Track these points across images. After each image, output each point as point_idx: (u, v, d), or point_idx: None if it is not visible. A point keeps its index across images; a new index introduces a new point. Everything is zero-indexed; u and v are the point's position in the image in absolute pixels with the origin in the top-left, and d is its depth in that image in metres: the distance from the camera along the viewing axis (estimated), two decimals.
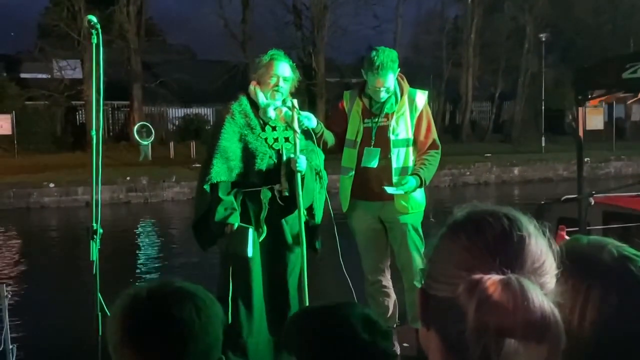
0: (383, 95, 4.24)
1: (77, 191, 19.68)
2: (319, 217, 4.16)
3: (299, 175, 3.86)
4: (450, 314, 0.92)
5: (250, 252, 3.76)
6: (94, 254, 3.32)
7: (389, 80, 4.19)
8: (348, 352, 1.46)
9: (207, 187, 3.83)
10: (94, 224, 3.34)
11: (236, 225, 3.78)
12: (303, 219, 3.91)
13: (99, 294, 3.28)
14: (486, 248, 0.93)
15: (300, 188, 3.86)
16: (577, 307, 1.10)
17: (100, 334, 3.21)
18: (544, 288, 0.92)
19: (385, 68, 4.14)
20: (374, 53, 4.20)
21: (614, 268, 1.13)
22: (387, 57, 4.16)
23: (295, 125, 3.89)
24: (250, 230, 3.77)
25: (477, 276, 0.89)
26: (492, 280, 0.88)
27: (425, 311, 1.00)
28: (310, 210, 4.09)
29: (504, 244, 0.93)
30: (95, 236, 3.32)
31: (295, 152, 3.88)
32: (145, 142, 25.08)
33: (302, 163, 3.87)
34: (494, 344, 0.86)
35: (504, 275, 0.89)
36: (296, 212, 3.97)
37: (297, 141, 3.89)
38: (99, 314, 3.26)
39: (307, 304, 3.84)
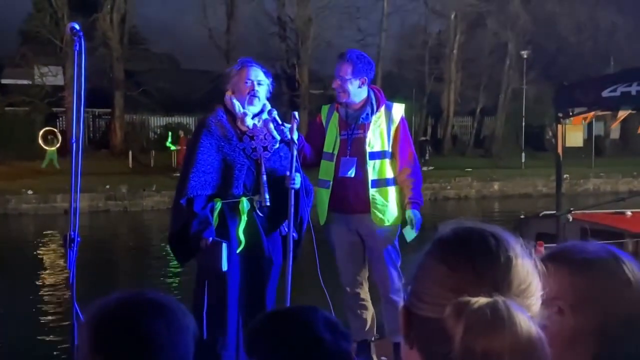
0: (343, 87, 4.21)
1: (55, 198, 19.51)
2: (302, 231, 4.13)
3: (292, 192, 3.84)
4: (436, 336, 0.91)
5: (224, 267, 3.73)
6: (71, 263, 3.29)
7: (351, 72, 4.19)
8: (311, 355, 1.46)
9: (183, 201, 3.80)
10: (72, 232, 3.31)
11: (210, 240, 3.75)
12: (292, 234, 3.88)
13: (76, 303, 3.24)
14: (473, 269, 0.92)
15: (293, 205, 3.84)
16: (568, 304, 1.11)
17: (75, 343, 3.17)
18: (529, 310, 0.91)
19: (350, 60, 4.18)
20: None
21: (592, 256, 1.15)
22: (354, 53, 4.25)
23: (295, 136, 3.88)
24: (224, 245, 3.73)
25: (464, 299, 0.88)
26: (479, 303, 0.87)
27: (408, 330, 0.98)
28: (297, 224, 4.06)
29: (490, 265, 0.92)
30: (72, 244, 3.29)
31: (290, 169, 3.85)
32: (51, 149, 25.20)
33: (298, 180, 3.86)
34: None
35: (491, 297, 0.88)
36: (276, 224, 3.96)
37: (295, 155, 3.86)
38: (75, 323, 3.22)
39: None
